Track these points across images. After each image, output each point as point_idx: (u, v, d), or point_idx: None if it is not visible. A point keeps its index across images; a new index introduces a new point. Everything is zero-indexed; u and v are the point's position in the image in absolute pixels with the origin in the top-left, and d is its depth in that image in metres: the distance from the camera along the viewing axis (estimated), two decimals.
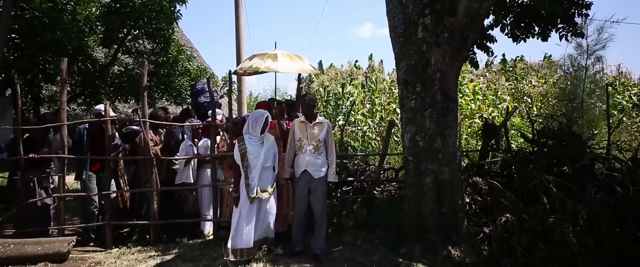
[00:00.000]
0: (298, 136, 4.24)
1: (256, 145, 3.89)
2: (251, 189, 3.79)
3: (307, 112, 4.34)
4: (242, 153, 3.83)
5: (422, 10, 4.45)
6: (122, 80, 8.65)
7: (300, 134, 4.23)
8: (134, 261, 4.21)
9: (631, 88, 10.47)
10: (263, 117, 3.93)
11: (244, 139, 3.90)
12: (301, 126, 4.26)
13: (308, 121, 4.27)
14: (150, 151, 4.80)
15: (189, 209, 5.06)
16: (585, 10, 5.67)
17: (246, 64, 5.69)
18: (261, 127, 3.89)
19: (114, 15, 7.93)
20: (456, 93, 4.53)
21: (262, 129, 3.90)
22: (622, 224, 3.83)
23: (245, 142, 3.87)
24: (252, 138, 3.91)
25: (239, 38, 11.72)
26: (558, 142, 4.73)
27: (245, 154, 3.83)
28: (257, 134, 3.90)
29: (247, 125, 3.95)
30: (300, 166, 4.21)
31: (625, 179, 4.19)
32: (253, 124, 3.92)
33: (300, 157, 4.22)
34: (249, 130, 3.93)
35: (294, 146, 4.28)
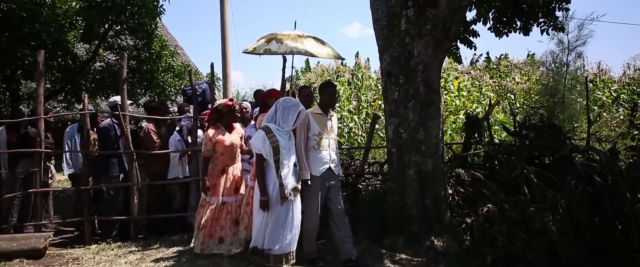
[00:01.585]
0: (316, 130, 3.69)
1: (286, 138, 3.35)
2: (284, 188, 3.26)
3: (328, 102, 3.88)
4: (273, 147, 3.25)
5: (405, 2, 4.47)
6: (103, 76, 8.46)
7: (319, 127, 3.72)
8: (114, 256, 4.12)
9: (611, 84, 10.70)
10: (297, 108, 3.37)
11: (272, 130, 3.30)
12: (319, 119, 3.74)
13: (325, 113, 3.81)
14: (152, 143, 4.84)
15: (179, 205, 5.00)
16: (566, 4, 5.76)
17: (262, 44, 4.97)
18: (295, 119, 3.36)
19: (94, 10, 7.73)
20: (439, 85, 4.56)
21: (294, 122, 3.39)
22: (601, 212, 3.88)
23: (276, 135, 3.29)
24: (280, 130, 3.34)
25: (224, 36, 11.64)
26: (539, 134, 4.78)
27: (277, 149, 3.25)
28: (288, 126, 3.36)
29: (274, 115, 3.40)
30: (320, 163, 3.67)
31: (603, 169, 4.26)
32: (283, 114, 3.35)
33: (322, 153, 3.68)
34: (276, 121, 3.37)
35: (308, 141, 3.68)
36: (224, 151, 3.96)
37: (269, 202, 3.28)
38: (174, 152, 4.90)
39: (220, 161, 3.97)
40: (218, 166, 3.98)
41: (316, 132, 3.68)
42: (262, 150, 3.26)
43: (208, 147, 3.91)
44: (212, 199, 3.94)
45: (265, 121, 3.41)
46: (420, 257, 3.85)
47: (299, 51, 4.63)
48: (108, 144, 4.92)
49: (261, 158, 3.31)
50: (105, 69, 8.72)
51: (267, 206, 3.29)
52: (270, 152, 3.25)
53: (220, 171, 3.99)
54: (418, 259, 3.83)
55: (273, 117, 3.38)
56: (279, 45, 4.60)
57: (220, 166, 3.99)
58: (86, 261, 4.02)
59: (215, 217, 3.91)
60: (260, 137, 3.28)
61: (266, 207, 3.29)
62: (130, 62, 8.45)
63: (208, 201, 3.95)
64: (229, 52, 11.90)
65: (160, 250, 4.23)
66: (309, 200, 3.61)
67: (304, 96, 4.28)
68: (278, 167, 3.24)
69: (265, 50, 4.78)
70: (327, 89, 3.91)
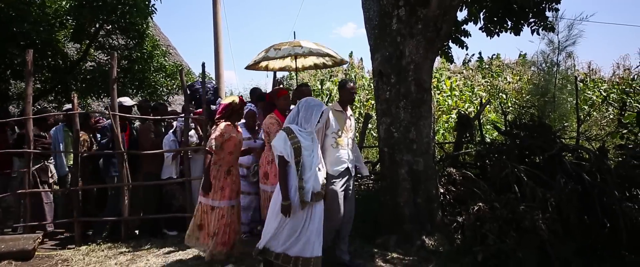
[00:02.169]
0: (335, 128, 3.55)
1: (309, 139, 3.17)
2: (306, 192, 3.06)
3: (348, 99, 3.80)
4: (295, 148, 3.05)
5: (396, 2, 4.48)
6: (94, 76, 8.39)
7: (338, 125, 3.58)
8: (104, 257, 4.09)
9: (601, 84, 10.81)
10: (320, 108, 3.22)
11: (293, 131, 3.13)
12: (338, 116, 3.62)
13: (344, 110, 3.72)
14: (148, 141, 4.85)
15: (179, 204, 4.98)
16: (556, 5, 5.81)
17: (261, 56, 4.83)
18: (318, 119, 3.19)
19: (85, 9, 7.67)
20: (430, 84, 4.57)
21: (318, 122, 3.22)
22: (590, 211, 3.92)
23: (297, 135, 3.10)
24: (302, 131, 3.15)
25: (217, 35, 11.58)
26: (529, 133, 4.82)
27: (299, 150, 3.06)
28: (311, 127, 3.18)
29: (296, 116, 3.22)
30: (338, 162, 3.54)
31: (592, 168, 4.30)
32: (306, 114, 3.18)
33: (340, 152, 3.56)
34: (298, 121, 3.20)
35: (325, 139, 3.55)
36: (232, 150, 3.77)
37: (291, 207, 3.05)
38: (167, 152, 4.87)
39: (227, 161, 3.75)
40: (224, 167, 3.74)
41: (335, 130, 3.55)
42: (284, 151, 3.07)
43: (217, 143, 3.63)
44: (221, 203, 3.69)
45: (287, 122, 3.24)
46: (412, 256, 3.86)
47: (297, 53, 4.54)
48: (103, 143, 4.91)
49: (283, 160, 3.09)
50: (96, 68, 8.65)
51: (289, 211, 3.04)
52: (291, 153, 3.06)
53: (226, 172, 3.75)
54: (410, 258, 3.84)
55: (295, 117, 3.22)
56: (277, 51, 4.52)
57: (226, 167, 3.75)
58: (76, 262, 3.98)
59: (228, 223, 3.68)
60: (281, 138, 3.11)
61: (288, 213, 3.05)
62: (121, 62, 8.40)
63: (217, 205, 3.68)
64: (221, 52, 11.84)
65: (151, 251, 4.20)
66: (330, 202, 3.39)
67: (303, 95, 4.17)
68: (299, 169, 3.07)
69: (264, 58, 4.75)
70: (347, 85, 3.81)
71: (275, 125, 3.82)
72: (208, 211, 3.69)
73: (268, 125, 3.87)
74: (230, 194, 3.74)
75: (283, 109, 3.94)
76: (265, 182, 3.90)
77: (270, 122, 3.87)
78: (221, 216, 3.67)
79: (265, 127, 3.90)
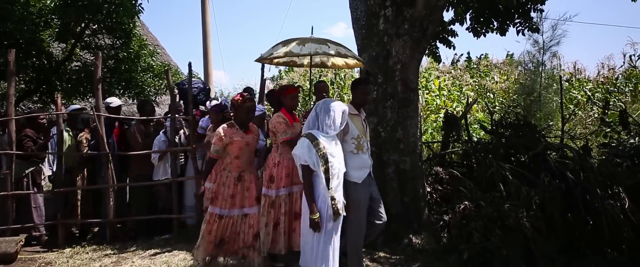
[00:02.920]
0: (355, 132, 3.28)
1: (333, 144, 2.93)
2: (338, 202, 2.85)
3: (363, 101, 3.48)
4: (320, 155, 2.82)
5: (383, 2, 4.51)
6: (80, 76, 8.26)
7: (357, 129, 3.31)
8: (88, 260, 4.04)
9: (586, 84, 10.98)
10: (340, 108, 2.99)
11: (316, 137, 2.87)
12: (355, 119, 3.33)
13: (359, 113, 3.43)
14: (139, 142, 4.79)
15: (162, 206, 4.93)
16: (540, 5, 5.90)
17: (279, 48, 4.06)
18: (340, 120, 2.96)
19: (70, 8, 7.54)
20: (417, 84, 4.61)
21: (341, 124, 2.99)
22: (573, 208, 3.98)
23: (321, 141, 2.86)
24: (326, 136, 2.91)
25: (206, 35, 11.55)
26: (515, 132, 4.88)
27: (325, 157, 2.82)
28: (334, 130, 2.94)
29: (315, 120, 2.98)
30: (361, 168, 3.27)
31: (576, 166, 4.38)
32: (326, 117, 2.93)
33: (361, 157, 3.28)
34: (319, 126, 2.95)
35: (345, 145, 3.24)
36: (239, 154, 3.43)
37: (320, 220, 2.81)
38: (153, 152, 4.83)
39: (236, 165, 3.44)
40: (233, 172, 3.43)
41: (355, 134, 3.29)
42: (309, 160, 2.82)
43: (217, 148, 3.37)
44: (232, 211, 3.42)
45: (307, 128, 2.99)
46: (399, 254, 3.89)
47: (325, 52, 3.98)
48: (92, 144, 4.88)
49: (308, 170, 2.85)
50: (81, 68, 8.52)
51: (318, 226, 2.80)
52: (317, 162, 2.82)
53: (237, 179, 3.44)
54: (397, 256, 3.86)
55: (315, 122, 2.97)
56: (301, 47, 3.91)
57: (236, 172, 3.44)
58: (59, 265, 3.93)
59: (237, 232, 3.43)
60: (304, 145, 2.85)
61: (318, 227, 2.81)
62: (107, 62, 8.29)
63: (226, 214, 3.41)
64: (210, 52, 11.81)
65: (136, 253, 4.16)
66: (353, 212, 3.15)
67: (319, 92, 3.89)
68: (328, 178, 2.82)
69: (286, 53, 3.98)
70: (362, 85, 3.52)
71: (282, 124, 3.55)
72: (215, 220, 3.41)
73: (275, 125, 3.58)
74: (241, 201, 3.45)
75: (291, 108, 3.71)
76: (270, 186, 3.56)
77: (278, 121, 3.58)
78: (230, 224, 3.41)
79: (272, 127, 3.62)
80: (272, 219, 3.50)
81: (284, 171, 3.52)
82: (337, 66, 5.07)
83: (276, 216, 3.50)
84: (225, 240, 3.41)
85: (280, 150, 3.56)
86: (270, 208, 3.51)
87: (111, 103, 5.03)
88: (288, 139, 3.48)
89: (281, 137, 3.51)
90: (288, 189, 3.55)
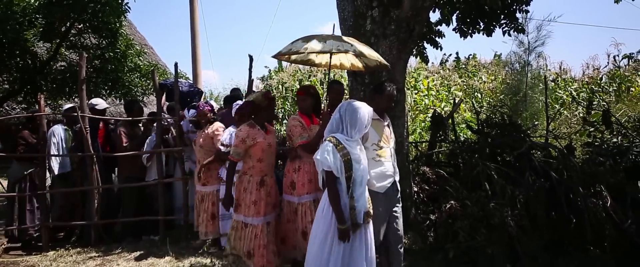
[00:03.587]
0: (376, 139, 3.11)
1: (357, 149, 2.74)
2: (358, 213, 2.67)
3: (386, 106, 3.30)
4: (345, 161, 2.65)
5: (370, 3, 4.53)
6: (65, 76, 8.16)
7: (378, 135, 3.13)
8: (72, 262, 3.99)
9: (571, 84, 11.15)
10: (367, 111, 2.78)
11: (341, 141, 2.70)
12: (376, 125, 3.12)
13: (382, 118, 3.23)
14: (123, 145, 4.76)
15: (156, 207, 4.86)
16: (525, 6, 5.97)
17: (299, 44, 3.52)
18: (365, 123, 2.76)
19: (54, 7, 7.44)
20: (403, 84, 4.64)
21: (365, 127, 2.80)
22: (557, 207, 4.04)
23: (346, 146, 2.68)
24: (350, 140, 2.73)
25: (194, 34, 11.45)
26: (500, 131, 4.93)
27: (350, 163, 2.65)
28: (359, 134, 2.77)
29: (340, 123, 2.78)
30: (383, 177, 3.08)
31: (560, 165, 4.43)
32: (352, 119, 2.73)
33: (384, 165, 3.11)
34: (344, 129, 2.76)
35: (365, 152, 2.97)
36: (262, 157, 3.26)
37: (349, 231, 2.63)
38: (140, 154, 4.78)
39: (258, 169, 3.26)
40: (255, 177, 3.24)
41: (376, 140, 3.10)
42: (333, 166, 2.63)
43: (239, 150, 3.17)
44: (255, 219, 3.23)
45: (330, 131, 2.80)
46: None
47: (347, 49, 3.66)
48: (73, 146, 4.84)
49: (332, 176, 2.66)
50: (67, 68, 8.41)
51: (348, 236, 2.63)
52: (341, 168, 2.64)
53: (259, 184, 3.24)
54: None
55: (339, 125, 2.77)
56: (323, 44, 3.57)
57: (258, 177, 3.25)
58: None
59: (264, 243, 3.22)
60: (328, 150, 2.66)
61: (347, 238, 2.63)
62: (93, 61, 8.20)
63: (250, 222, 3.21)
64: (199, 51, 11.71)
65: (122, 255, 4.12)
66: (375, 218, 2.94)
67: (335, 94, 3.75)
68: (349, 186, 2.65)
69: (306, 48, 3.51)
70: (387, 90, 3.31)
71: (298, 127, 3.39)
72: (241, 227, 3.24)
73: (291, 128, 3.43)
74: (265, 208, 3.25)
75: (304, 111, 3.54)
76: (292, 192, 3.39)
77: (293, 125, 3.43)
78: (254, 235, 3.20)
79: (288, 130, 3.47)
80: (298, 228, 3.34)
81: (306, 177, 3.35)
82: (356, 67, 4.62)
83: (302, 224, 3.32)
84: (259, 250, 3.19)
85: (299, 154, 3.40)
86: (293, 215, 3.36)
87: (97, 105, 4.96)
88: (305, 142, 3.32)
89: (297, 141, 3.35)
90: (312, 195, 3.37)
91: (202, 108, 4.34)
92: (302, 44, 3.54)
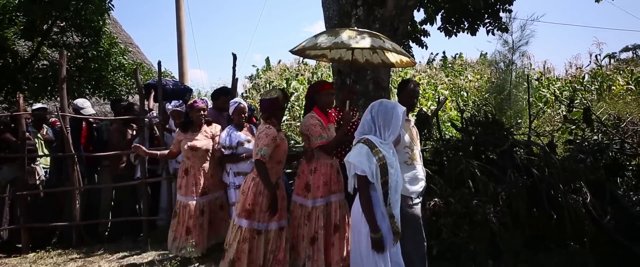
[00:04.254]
0: (407, 141, 2.93)
1: (390, 153, 2.54)
2: (397, 221, 2.51)
3: (410, 104, 3.10)
4: (380, 165, 2.44)
5: (354, 2, 4.56)
6: (47, 75, 8.00)
7: (409, 136, 2.97)
8: (53, 264, 3.92)
9: (555, 82, 11.34)
10: (399, 110, 2.56)
11: (376, 144, 2.49)
12: (405, 126, 2.89)
13: (407, 118, 3.01)
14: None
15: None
16: (508, 6, 6.05)
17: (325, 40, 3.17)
18: (399, 126, 2.56)
19: (35, 5, 7.28)
20: (388, 83, 4.67)
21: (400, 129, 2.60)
22: (538, 203, 4.10)
23: (381, 149, 2.49)
24: (383, 143, 2.53)
25: (180, 32, 11.32)
26: (484, 130, 4.98)
27: (385, 167, 2.44)
28: (392, 136, 2.56)
29: (372, 124, 2.57)
30: (416, 180, 2.93)
31: (541, 163, 4.50)
32: (385, 120, 2.53)
33: (416, 168, 2.95)
34: (377, 131, 2.56)
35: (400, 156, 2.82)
36: (281, 158, 3.12)
37: (383, 240, 2.45)
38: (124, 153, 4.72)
39: (276, 171, 3.10)
40: (272, 178, 3.04)
41: (407, 143, 2.91)
42: (368, 170, 2.43)
43: (269, 150, 2.95)
44: (271, 225, 3.05)
45: (361, 133, 2.59)
46: None
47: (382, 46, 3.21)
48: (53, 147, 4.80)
49: (366, 181, 2.47)
50: (48, 67, 8.25)
51: (382, 246, 2.44)
52: (377, 173, 2.43)
53: (277, 186, 3.08)
54: None
55: (371, 126, 2.57)
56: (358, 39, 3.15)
57: (274, 179, 3.06)
58: None
59: (272, 249, 3.07)
60: (362, 153, 2.46)
61: (382, 248, 2.44)
62: (76, 60, 8.06)
63: (265, 228, 3.04)
64: (185, 50, 11.59)
65: (104, 256, 4.06)
66: (412, 232, 2.79)
67: (351, 93, 3.59)
68: (386, 192, 2.45)
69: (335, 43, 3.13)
70: (409, 86, 3.14)
71: (317, 127, 3.22)
72: (253, 236, 3.00)
73: (309, 127, 3.24)
74: (280, 213, 3.10)
75: (325, 107, 3.35)
76: (306, 195, 3.25)
77: (312, 123, 3.24)
78: (266, 241, 3.04)
79: (305, 129, 3.29)
80: (308, 233, 3.20)
81: (321, 179, 3.21)
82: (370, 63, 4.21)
83: (313, 229, 3.19)
84: (269, 259, 3.03)
85: (316, 155, 3.24)
86: (306, 220, 3.21)
87: (83, 109, 4.86)
88: (324, 143, 3.17)
89: (316, 142, 3.18)
90: (325, 198, 3.24)
91: (199, 104, 3.90)
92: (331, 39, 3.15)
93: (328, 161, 3.29)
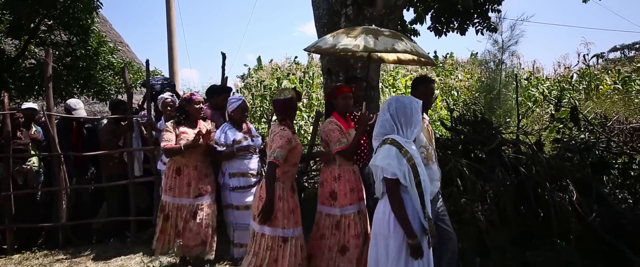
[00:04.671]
0: (423, 140, 2.84)
1: (416, 152, 2.41)
2: (432, 222, 2.39)
3: (427, 102, 3.00)
4: (411, 165, 2.30)
5: (344, 1, 4.55)
6: (34, 74, 7.90)
7: (425, 136, 2.89)
8: (39, 265, 3.87)
9: (543, 82, 11.46)
10: (418, 106, 2.44)
11: (402, 144, 2.34)
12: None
13: (422, 117, 2.85)
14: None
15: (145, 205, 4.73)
16: (497, 6, 6.10)
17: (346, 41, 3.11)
18: (419, 121, 2.46)
19: (21, 3, 7.19)
20: (378, 82, 4.68)
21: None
22: (525, 201, 4.14)
23: (408, 150, 2.34)
24: (408, 142, 2.39)
25: (171, 31, 11.25)
26: (472, 128, 5.02)
27: (415, 168, 2.31)
28: (414, 134, 2.44)
29: (393, 123, 2.41)
30: (433, 181, 2.82)
31: (528, 161, 4.54)
32: (406, 117, 2.40)
33: (432, 169, 2.84)
34: (398, 129, 2.42)
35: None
36: (296, 161, 3.01)
37: (421, 246, 2.30)
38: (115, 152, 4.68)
39: (291, 174, 2.99)
40: (287, 183, 2.95)
41: (423, 142, 2.82)
42: (399, 173, 2.28)
43: (284, 153, 2.81)
44: (296, 231, 2.93)
45: (383, 132, 2.42)
46: None
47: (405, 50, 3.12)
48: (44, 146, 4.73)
49: (397, 184, 2.31)
50: (36, 66, 8.15)
51: (421, 252, 2.29)
52: (410, 174, 2.28)
53: (291, 190, 2.97)
54: None
55: (392, 125, 2.41)
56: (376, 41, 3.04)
57: (290, 182, 2.99)
58: None
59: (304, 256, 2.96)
60: (391, 154, 2.30)
61: (421, 254, 2.29)
62: (64, 59, 7.97)
63: (291, 235, 2.89)
64: (175, 49, 11.52)
65: (90, 257, 4.02)
66: (441, 228, 2.80)
67: (358, 91, 3.52)
68: (421, 193, 2.30)
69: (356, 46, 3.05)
70: (424, 84, 3.04)
71: (336, 132, 3.12)
72: (278, 245, 2.82)
73: (328, 133, 3.15)
74: (297, 217, 2.96)
75: (343, 111, 3.25)
76: (332, 203, 3.11)
77: (331, 128, 3.14)
78: (298, 248, 2.90)
79: (324, 135, 3.19)
80: (337, 243, 3.08)
81: (347, 185, 3.11)
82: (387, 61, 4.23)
83: (344, 238, 3.07)
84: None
85: (338, 161, 3.15)
86: (334, 230, 3.08)
87: (76, 110, 4.79)
88: (343, 148, 3.08)
89: (335, 147, 3.09)
90: (356, 205, 3.14)
91: (197, 97, 3.73)
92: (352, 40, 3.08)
93: (350, 167, 3.20)
